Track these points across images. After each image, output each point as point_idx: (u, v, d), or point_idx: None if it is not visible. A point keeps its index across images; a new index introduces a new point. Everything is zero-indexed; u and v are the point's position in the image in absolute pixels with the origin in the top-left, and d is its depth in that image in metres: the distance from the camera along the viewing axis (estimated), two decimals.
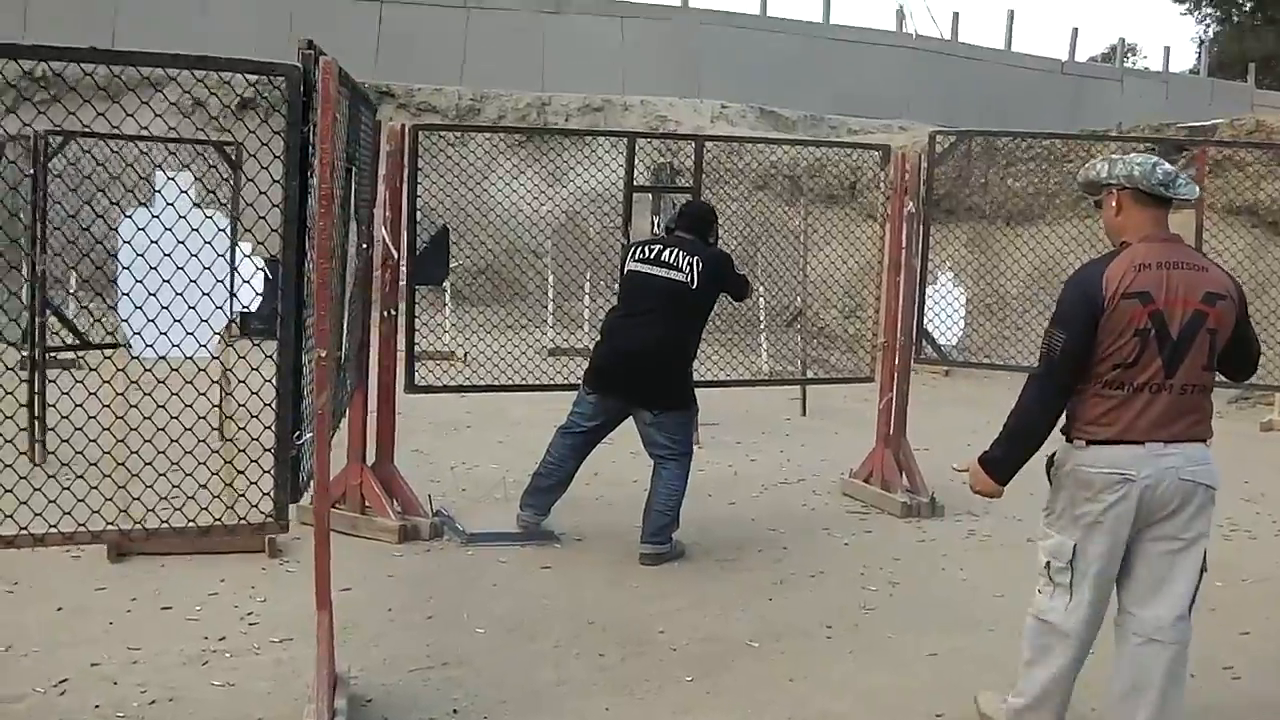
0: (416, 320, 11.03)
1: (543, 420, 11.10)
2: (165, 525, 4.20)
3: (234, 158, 9.37)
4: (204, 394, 4.77)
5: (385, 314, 7.18)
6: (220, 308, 4.74)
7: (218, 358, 6.77)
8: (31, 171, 8.32)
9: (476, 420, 10.97)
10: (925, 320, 8.89)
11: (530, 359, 9.34)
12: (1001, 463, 4.40)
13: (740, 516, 7.97)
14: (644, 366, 6.83)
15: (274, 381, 4.26)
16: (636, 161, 9.37)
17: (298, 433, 4.28)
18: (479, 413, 11.06)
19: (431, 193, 9.83)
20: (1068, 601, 4.32)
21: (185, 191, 5.59)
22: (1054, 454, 4.41)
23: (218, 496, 5.07)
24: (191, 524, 4.19)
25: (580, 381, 7.23)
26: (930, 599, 6.45)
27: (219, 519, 4.31)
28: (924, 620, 6.08)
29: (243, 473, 4.52)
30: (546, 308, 15.92)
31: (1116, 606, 4.40)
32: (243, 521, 4.28)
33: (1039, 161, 15.86)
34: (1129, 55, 36.95)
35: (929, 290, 9.14)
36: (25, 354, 8.57)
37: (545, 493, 7.32)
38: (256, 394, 4.59)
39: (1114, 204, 4.29)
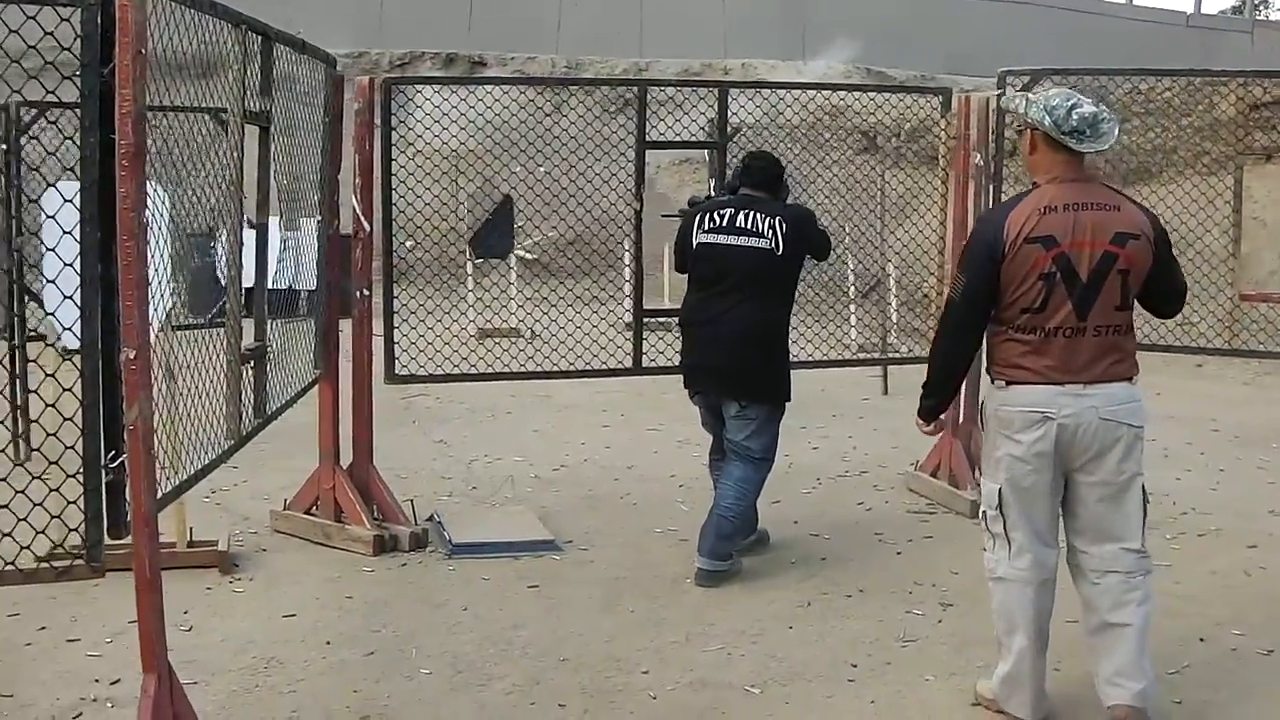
0: (483, 296, 9.98)
1: (590, 404, 10.24)
2: None
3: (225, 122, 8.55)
4: None
5: (359, 294, 6.29)
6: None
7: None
8: (4, 146, 7.59)
9: (519, 404, 10.09)
10: None
11: (603, 335, 7.79)
12: (937, 408, 4.56)
13: (783, 519, 6.94)
14: (736, 354, 5.86)
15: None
16: (698, 118, 8.39)
17: (113, 453, 3.40)
18: (523, 396, 10.19)
19: (522, 163, 9.04)
20: (1008, 551, 4.30)
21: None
22: (983, 400, 4.44)
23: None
24: None
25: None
26: (986, 626, 5.31)
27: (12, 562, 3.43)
28: (973, 655, 5.00)
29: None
30: (624, 276, 14.91)
31: (1067, 549, 4.36)
32: (44, 565, 3.41)
33: (1156, 116, 14.48)
34: (1260, 6, 34.53)
35: None
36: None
37: None
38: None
39: (1028, 143, 4.25)
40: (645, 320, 7.24)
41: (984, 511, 4.39)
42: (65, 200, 3.72)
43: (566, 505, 7.20)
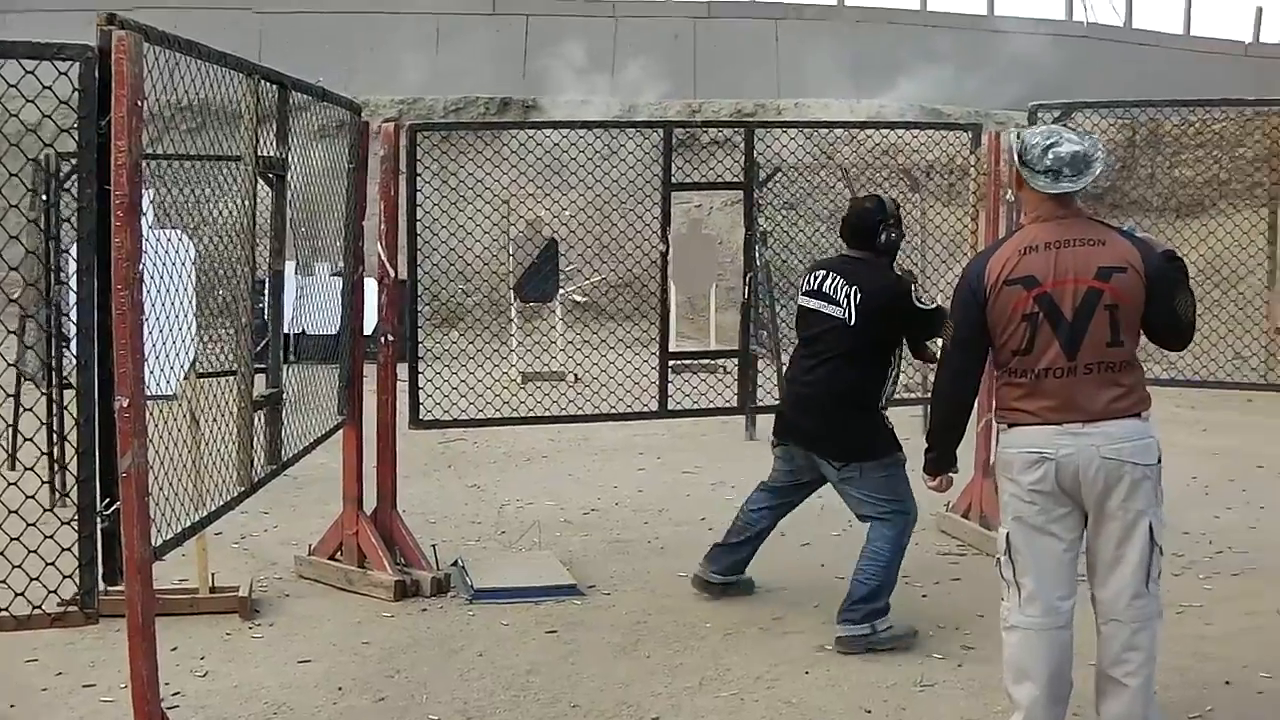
0: (525, 340, 9.81)
1: (629, 447, 10.23)
2: None
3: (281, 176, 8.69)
4: None
5: (383, 339, 6.34)
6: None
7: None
8: (44, 197, 7.73)
9: (558, 449, 10.09)
10: None
11: (630, 379, 7.71)
12: (939, 460, 4.58)
13: (808, 562, 6.90)
14: (816, 411, 5.84)
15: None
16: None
17: (107, 500, 3.45)
18: (562, 440, 10.19)
19: (564, 205, 9.07)
20: (1018, 598, 4.23)
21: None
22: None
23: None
24: None
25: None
26: None
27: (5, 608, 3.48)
28: (991, 700, 4.93)
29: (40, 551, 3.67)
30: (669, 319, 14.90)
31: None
32: (38, 610, 3.45)
33: (1208, 148, 14.37)
34: None
35: None
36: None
37: (729, 550, 6.22)
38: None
39: (1016, 181, 4.21)
40: (677, 363, 7.27)
41: (997, 559, 4.32)
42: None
43: (594, 549, 7.20)
